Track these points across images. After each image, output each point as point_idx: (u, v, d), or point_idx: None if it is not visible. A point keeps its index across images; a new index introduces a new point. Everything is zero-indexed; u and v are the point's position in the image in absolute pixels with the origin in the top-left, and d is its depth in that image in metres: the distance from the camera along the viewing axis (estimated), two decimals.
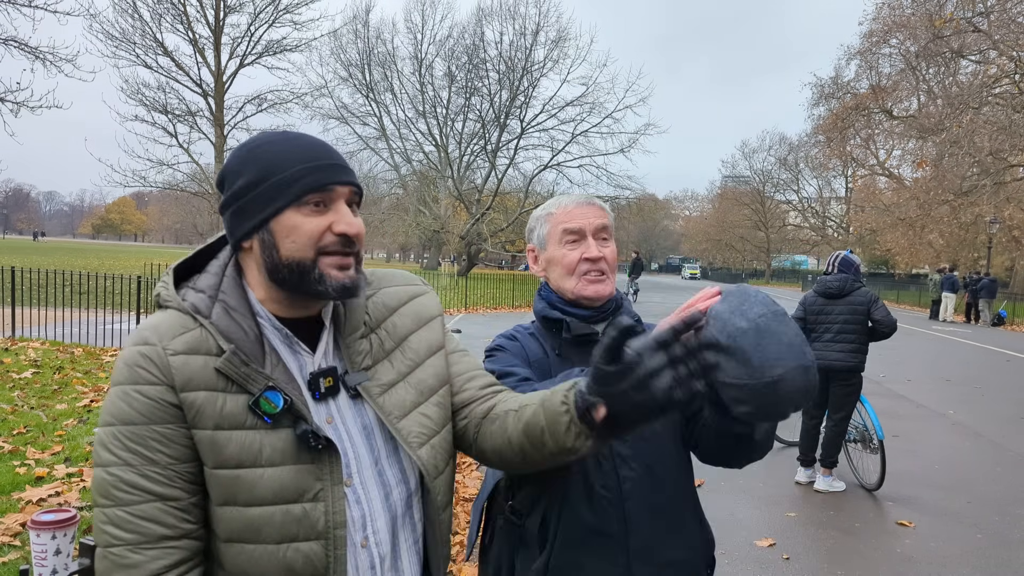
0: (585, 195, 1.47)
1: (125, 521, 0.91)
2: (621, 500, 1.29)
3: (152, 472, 0.92)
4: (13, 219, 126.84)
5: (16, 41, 13.02)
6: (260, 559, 0.95)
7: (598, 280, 1.39)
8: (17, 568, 2.62)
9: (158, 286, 1.04)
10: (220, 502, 0.95)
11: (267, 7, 23.31)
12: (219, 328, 0.97)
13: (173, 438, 0.94)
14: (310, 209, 0.97)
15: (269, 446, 0.96)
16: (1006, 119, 23.05)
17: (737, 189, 63.02)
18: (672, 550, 1.33)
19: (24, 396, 6.16)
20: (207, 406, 0.94)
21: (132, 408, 0.93)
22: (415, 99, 37.33)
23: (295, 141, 1.01)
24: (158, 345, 0.95)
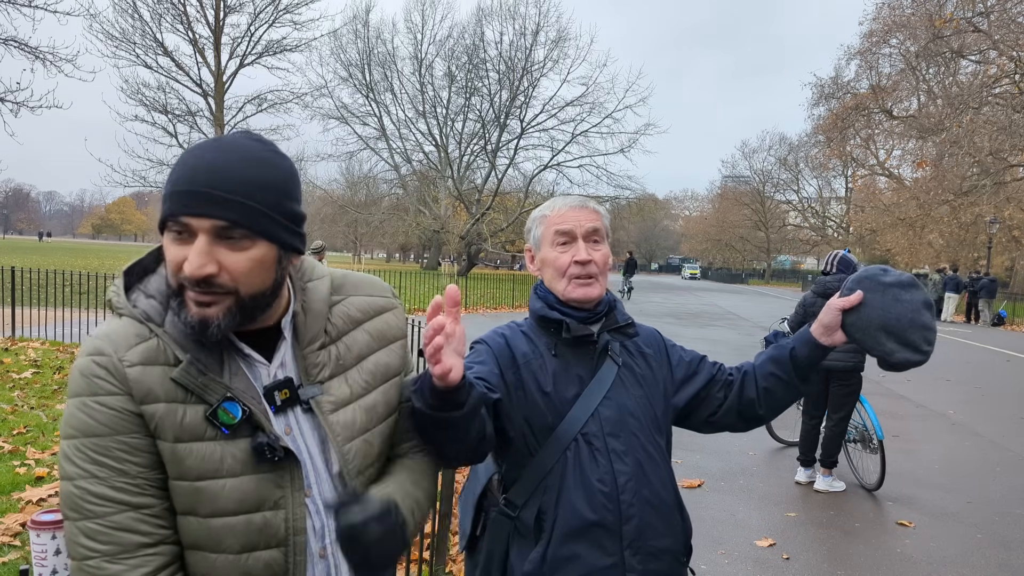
0: (581, 197, 1.49)
1: (99, 533, 0.89)
2: (616, 493, 1.35)
3: (121, 483, 0.90)
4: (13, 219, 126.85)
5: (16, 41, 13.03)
6: (222, 568, 0.95)
7: (586, 284, 1.41)
8: (17, 568, 2.62)
9: (110, 291, 1.00)
10: (182, 511, 0.95)
11: (267, 7, 23.34)
12: (173, 337, 0.94)
13: (139, 447, 0.92)
14: (173, 237, 0.92)
15: (230, 456, 0.94)
16: (1006, 119, 23.05)
17: (737, 189, 62.99)
18: (660, 539, 1.40)
19: (24, 396, 6.16)
20: (167, 418, 0.92)
21: (94, 420, 0.90)
22: (415, 99, 37.32)
23: (188, 157, 0.94)
24: (113, 356, 0.92)
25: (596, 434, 1.37)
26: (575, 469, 1.35)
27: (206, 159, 0.92)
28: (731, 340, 14.06)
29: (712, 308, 23.27)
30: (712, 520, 4.42)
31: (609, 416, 1.39)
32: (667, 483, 1.44)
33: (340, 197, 40.21)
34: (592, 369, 1.41)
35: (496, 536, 1.42)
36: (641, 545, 1.37)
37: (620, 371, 1.43)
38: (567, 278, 1.41)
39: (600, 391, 1.39)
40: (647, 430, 1.42)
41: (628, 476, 1.37)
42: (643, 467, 1.40)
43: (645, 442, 1.41)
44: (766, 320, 17.24)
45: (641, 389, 1.45)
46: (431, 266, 40.88)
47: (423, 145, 38.63)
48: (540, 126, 36.14)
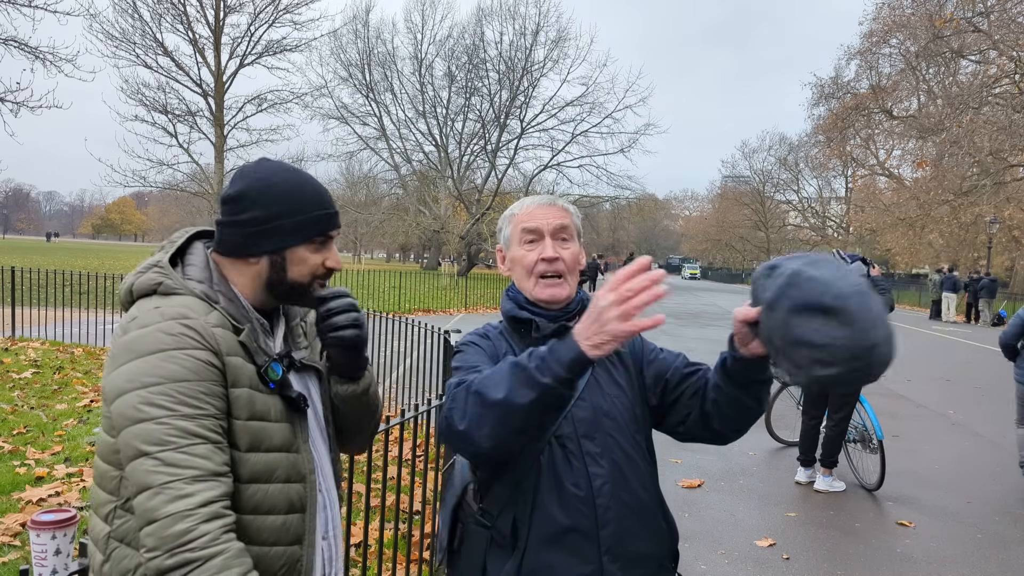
0: (550, 196, 1.47)
1: (183, 460, 1.04)
2: (592, 497, 1.31)
3: (204, 420, 1.08)
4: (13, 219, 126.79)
5: (16, 41, 13.02)
6: (274, 495, 1.18)
7: (554, 284, 1.38)
8: (17, 568, 2.62)
9: (152, 275, 1.20)
10: (247, 448, 1.15)
11: (267, 7, 23.32)
12: (229, 312, 1.20)
13: (218, 394, 1.12)
14: (315, 247, 1.26)
15: (274, 407, 1.20)
16: (1006, 119, 23.05)
17: (737, 189, 62.98)
18: (641, 543, 1.35)
19: (24, 396, 6.16)
20: (242, 369, 1.16)
21: (183, 367, 1.09)
22: (415, 99, 37.32)
23: (308, 185, 1.27)
24: (200, 318, 1.14)
25: (570, 436, 1.33)
26: (549, 474, 1.31)
27: (319, 188, 1.28)
28: None
29: (712, 308, 23.26)
30: (712, 520, 4.42)
31: (583, 417, 1.34)
32: (648, 486, 1.39)
33: (340, 197, 40.13)
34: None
35: (473, 547, 1.39)
36: (620, 551, 1.32)
37: (594, 371, 1.38)
38: (534, 277, 1.39)
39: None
40: (625, 431, 1.38)
41: (604, 479, 1.32)
42: (621, 469, 1.35)
43: (623, 443, 1.37)
44: None
45: (618, 389, 1.40)
46: (431, 266, 40.87)
47: (423, 145, 38.66)
48: (540, 126, 36.18)
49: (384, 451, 2.47)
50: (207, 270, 1.24)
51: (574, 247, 1.41)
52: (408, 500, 2.82)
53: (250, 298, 1.25)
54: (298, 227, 1.23)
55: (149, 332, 1.11)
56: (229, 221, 1.24)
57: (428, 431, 3.28)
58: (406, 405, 5.57)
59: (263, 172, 1.25)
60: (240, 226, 1.22)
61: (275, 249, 1.23)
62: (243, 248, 1.23)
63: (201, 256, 1.26)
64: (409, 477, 2.85)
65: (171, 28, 22.29)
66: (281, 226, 1.22)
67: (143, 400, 1.07)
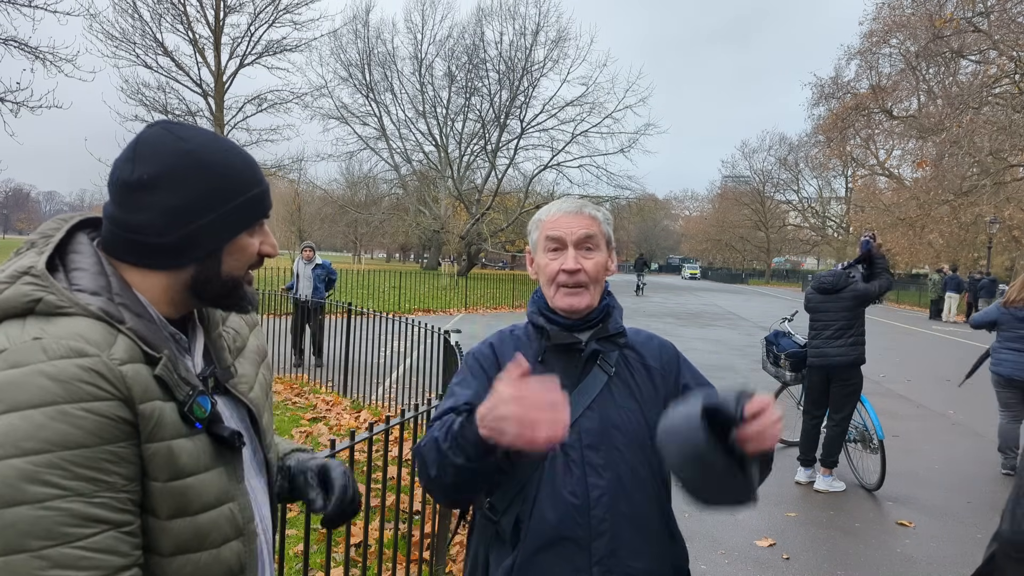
0: (579, 202, 1.44)
1: (79, 559, 0.80)
2: (588, 507, 1.30)
3: (106, 498, 0.82)
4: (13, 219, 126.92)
5: (16, 41, 13.03)
6: (207, 565, 0.94)
7: (573, 293, 1.37)
8: None
9: (24, 288, 0.87)
10: (170, 515, 0.90)
11: (267, 7, 23.32)
12: (139, 334, 0.89)
13: (126, 457, 0.85)
14: (253, 230, 0.99)
15: (203, 452, 0.93)
16: (1006, 119, 23.05)
17: (737, 189, 62.95)
18: (638, 560, 1.32)
19: None
20: (160, 416, 0.88)
21: (79, 428, 0.81)
22: (415, 99, 37.30)
23: (235, 153, 0.97)
24: (101, 356, 0.84)
25: (573, 445, 1.32)
26: (549, 480, 1.32)
27: (249, 156, 1.00)
28: (731, 340, 14.06)
29: (712, 308, 23.26)
30: (712, 520, 4.42)
31: (590, 428, 1.34)
32: (655, 503, 1.36)
33: (340, 197, 40.22)
34: (577, 378, 1.37)
35: (480, 539, 1.42)
36: (614, 564, 1.30)
37: (611, 382, 1.38)
38: (555, 286, 1.39)
39: (582, 402, 1.35)
40: (635, 446, 1.35)
41: (603, 491, 1.31)
42: (623, 483, 1.34)
43: (631, 458, 1.35)
44: (766, 320, 17.22)
45: (635, 403, 1.38)
46: (431, 266, 40.87)
47: (423, 145, 38.64)
48: (540, 126, 36.16)
49: (384, 451, 2.47)
50: (102, 275, 0.91)
51: (599, 256, 1.39)
52: (408, 500, 2.82)
53: (162, 308, 0.96)
54: (241, 210, 0.95)
55: (27, 376, 0.80)
56: (133, 221, 0.91)
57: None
58: (406, 405, 5.56)
59: (181, 144, 0.93)
60: (154, 226, 0.91)
61: (212, 250, 0.95)
62: (162, 257, 0.93)
63: (90, 255, 0.93)
64: (409, 477, 2.86)
65: (171, 28, 22.30)
66: (223, 214, 0.93)
67: (21, 475, 0.78)
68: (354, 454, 2.42)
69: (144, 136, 0.94)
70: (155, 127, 0.96)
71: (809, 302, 5.27)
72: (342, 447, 2.04)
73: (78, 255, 0.93)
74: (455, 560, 3.60)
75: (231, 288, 0.99)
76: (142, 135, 0.95)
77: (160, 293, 0.96)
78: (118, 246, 0.94)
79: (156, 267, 0.95)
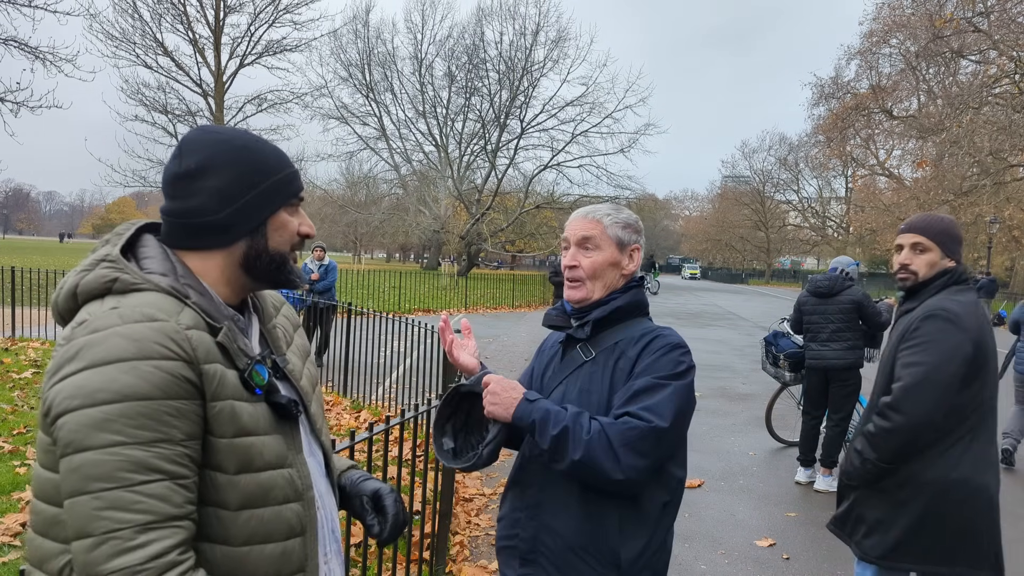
0: (591, 208, 1.64)
1: (133, 502, 0.87)
2: (529, 460, 1.57)
3: (164, 449, 0.90)
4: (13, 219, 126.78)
5: (16, 41, 13.03)
6: (270, 521, 1.02)
7: (571, 286, 1.59)
8: (17, 568, 2.62)
9: (103, 271, 1.00)
10: (236, 470, 0.98)
11: (267, 7, 23.35)
12: (202, 308, 1.01)
13: (187, 413, 0.93)
14: (293, 209, 1.12)
15: (262, 417, 1.03)
16: (1006, 119, 23.04)
17: (737, 189, 62.98)
18: (555, 519, 1.49)
19: (24, 396, 6.16)
20: (223, 378, 0.98)
21: (147, 382, 0.89)
22: (415, 99, 37.32)
23: (264, 141, 1.11)
24: (171, 320, 0.95)
25: None
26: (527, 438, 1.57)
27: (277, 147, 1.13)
28: (731, 340, 14.06)
29: (712, 308, 23.26)
30: (712, 520, 4.42)
31: (554, 398, 1.55)
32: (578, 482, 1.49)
33: (340, 197, 40.18)
34: (560, 357, 1.64)
35: None
36: (537, 514, 1.52)
37: (586, 365, 1.56)
38: (565, 279, 1.61)
39: (559, 377, 1.60)
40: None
41: (541, 451, 1.47)
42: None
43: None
44: (766, 320, 17.24)
45: (601, 387, 1.52)
46: (431, 266, 40.86)
47: (423, 145, 38.66)
48: (540, 126, 36.17)
49: (384, 451, 2.47)
50: (168, 261, 1.04)
51: (596, 256, 1.57)
52: (408, 500, 2.82)
53: (221, 290, 1.08)
54: (277, 188, 1.08)
55: (104, 337, 0.91)
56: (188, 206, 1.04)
57: (428, 431, 3.28)
58: (406, 405, 5.56)
59: (217, 135, 1.07)
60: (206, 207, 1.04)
61: (258, 223, 1.07)
62: (216, 235, 1.05)
63: (156, 247, 1.07)
64: (409, 477, 2.86)
65: (171, 28, 22.34)
66: (263, 191, 1.06)
67: (91, 422, 0.87)
68: (354, 454, 2.42)
69: (186, 136, 1.09)
70: (194, 130, 1.10)
71: (804, 305, 5.23)
72: (342, 447, 2.04)
73: (146, 248, 1.07)
74: (455, 560, 3.60)
75: (279, 263, 1.10)
76: (185, 136, 1.09)
77: (218, 274, 1.08)
78: (176, 234, 1.07)
79: (212, 246, 1.06)
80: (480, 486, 4.79)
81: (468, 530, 4.01)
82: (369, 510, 1.29)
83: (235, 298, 1.11)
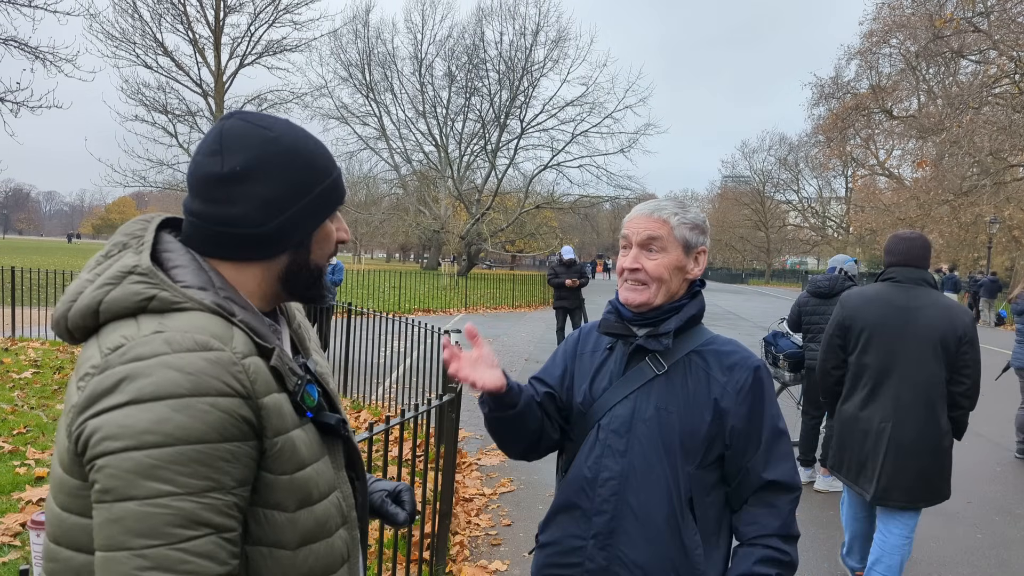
0: (656, 204, 1.49)
1: (179, 562, 0.76)
2: (595, 484, 1.43)
3: (214, 499, 0.79)
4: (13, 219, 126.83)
5: (16, 41, 13.02)
6: (325, 554, 0.93)
7: (631, 288, 1.46)
8: (17, 568, 2.62)
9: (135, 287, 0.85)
10: (296, 507, 0.89)
11: (267, 7, 23.34)
12: (250, 326, 0.88)
13: (241, 457, 0.82)
14: (332, 216, 1.00)
15: (313, 442, 0.93)
16: (1006, 119, 23.03)
17: (737, 189, 62.96)
18: (633, 549, 1.39)
19: (24, 396, 6.16)
20: (282, 409, 0.88)
21: (202, 423, 0.78)
22: (415, 99, 37.30)
23: (314, 139, 0.97)
24: (226, 350, 0.82)
25: (604, 427, 1.45)
26: (583, 452, 1.47)
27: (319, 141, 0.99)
28: None
29: (712, 308, 23.25)
30: None
31: (619, 414, 1.44)
32: (664, 504, 1.38)
33: None
34: (622, 369, 1.47)
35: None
36: (610, 543, 1.41)
37: (657, 379, 1.43)
38: (621, 279, 1.49)
39: (623, 391, 1.45)
40: (659, 444, 1.39)
41: (612, 474, 1.42)
42: (635, 473, 1.40)
43: (650, 453, 1.39)
44: (766, 320, 17.23)
45: (675, 404, 1.40)
46: (431, 266, 40.87)
47: (423, 145, 38.64)
48: (540, 126, 36.16)
49: (384, 451, 2.47)
50: (202, 271, 0.90)
51: (663, 258, 1.44)
52: None
53: (255, 302, 0.95)
54: (326, 195, 0.95)
55: (151, 368, 0.79)
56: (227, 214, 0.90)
57: (428, 431, 3.28)
58: (406, 405, 5.57)
59: (266, 133, 0.91)
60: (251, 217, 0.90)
61: (305, 236, 0.95)
62: (259, 248, 0.92)
63: (182, 252, 0.92)
64: (409, 477, 2.85)
65: (171, 28, 22.32)
66: (311, 200, 0.93)
67: (137, 468, 0.76)
68: None
69: (228, 128, 0.92)
70: (233, 119, 0.94)
71: (805, 306, 5.22)
72: None
73: (171, 253, 0.92)
74: (455, 560, 3.60)
75: (316, 278, 0.99)
76: (225, 128, 0.92)
77: (255, 287, 0.95)
78: (207, 242, 0.92)
79: (251, 258, 0.93)
80: (480, 486, 4.79)
81: (468, 530, 4.01)
82: (389, 503, 1.27)
83: (266, 308, 0.99)
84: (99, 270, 0.89)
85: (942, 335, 2.93)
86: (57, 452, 0.87)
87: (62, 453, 0.85)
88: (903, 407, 2.98)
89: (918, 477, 2.95)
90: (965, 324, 2.95)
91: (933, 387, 2.96)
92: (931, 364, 2.95)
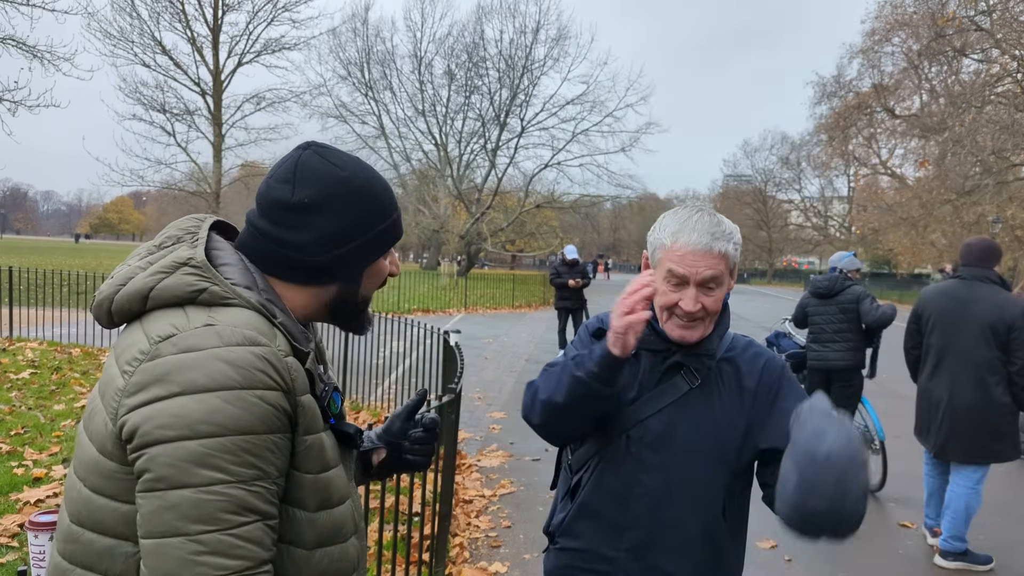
0: (709, 236, 1.31)
1: (232, 547, 0.80)
2: (628, 500, 1.38)
3: (260, 487, 0.84)
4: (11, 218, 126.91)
5: (14, 40, 13.00)
6: (339, 558, 0.97)
7: (686, 327, 1.35)
8: (15, 569, 2.60)
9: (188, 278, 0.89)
10: (316, 507, 0.93)
11: (266, 5, 23.29)
12: (288, 329, 0.93)
13: (282, 448, 0.87)
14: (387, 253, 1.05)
15: (333, 447, 0.98)
16: (1009, 118, 22.98)
17: (739, 188, 62.97)
18: (669, 562, 1.38)
19: (22, 397, 6.15)
20: (314, 410, 0.93)
21: (252, 415, 0.82)
22: (414, 97, 37.30)
23: (380, 179, 1.01)
24: (272, 346, 0.87)
25: (636, 440, 1.38)
26: (610, 461, 1.40)
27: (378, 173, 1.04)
28: None
29: None
30: None
31: (655, 429, 1.37)
32: (701, 520, 1.38)
33: None
34: (655, 381, 1.40)
35: (560, 487, 1.57)
36: (644, 555, 1.38)
37: (692, 393, 1.38)
38: (668, 313, 1.36)
39: (655, 404, 1.38)
40: (699, 458, 1.37)
41: (647, 490, 1.37)
42: (670, 489, 1.37)
43: (687, 468, 1.37)
44: (768, 320, 17.21)
45: (712, 417, 1.38)
46: (431, 266, 40.86)
47: (422, 144, 38.65)
48: (540, 124, 36.17)
49: None
50: (247, 272, 0.95)
51: (719, 293, 1.34)
52: (408, 502, 2.80)
53: (295, 308, 0.99)
54: (384, 235, 1.00)
55: (203, 360, 0.83)
56: (289, 239, 0.94)
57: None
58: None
59: (337, 171, 0.96)
60: (308, 247, 0.94)
61: (358, 271, 1.00)
62: (312, 274, 0.97)
63: (231, 252, 0.97)
64: (409, 479, 2.83)
65: (169, 26, 22.29)
66: (370, 239, 0.98)
67: (191, 456, 0.80)
68: None
69: (304, 160, 0.97)
70: (310, 151, 0.98)
71: (807, 307, 5.22)
72: None
73: (221, 251, 0.96)
74: (455, 562, 3.58)
75: (362, 309, 1.04)
76: (301, 159, 0.97)
77: (301, 306, 0.99)
78: (265, 258, 0.97)
79: (303, 283, 0.98)
80: (480, 488, 4.77)
81: (468, 532, 3.99)
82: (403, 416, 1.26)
83: (303, 321, 1.03)
84: (151, 259, 0.93)
85: (992, 324, 3.63)
86: (92, 434, 0.89)
87: (102, 436, 0.87)
88: (957, 381, 3.73)
89: (970, 438, 3.68)
90: (1014, 315, 3.61)
91: (983, 366, 3.64)
92: (982, 347, 3.66)
